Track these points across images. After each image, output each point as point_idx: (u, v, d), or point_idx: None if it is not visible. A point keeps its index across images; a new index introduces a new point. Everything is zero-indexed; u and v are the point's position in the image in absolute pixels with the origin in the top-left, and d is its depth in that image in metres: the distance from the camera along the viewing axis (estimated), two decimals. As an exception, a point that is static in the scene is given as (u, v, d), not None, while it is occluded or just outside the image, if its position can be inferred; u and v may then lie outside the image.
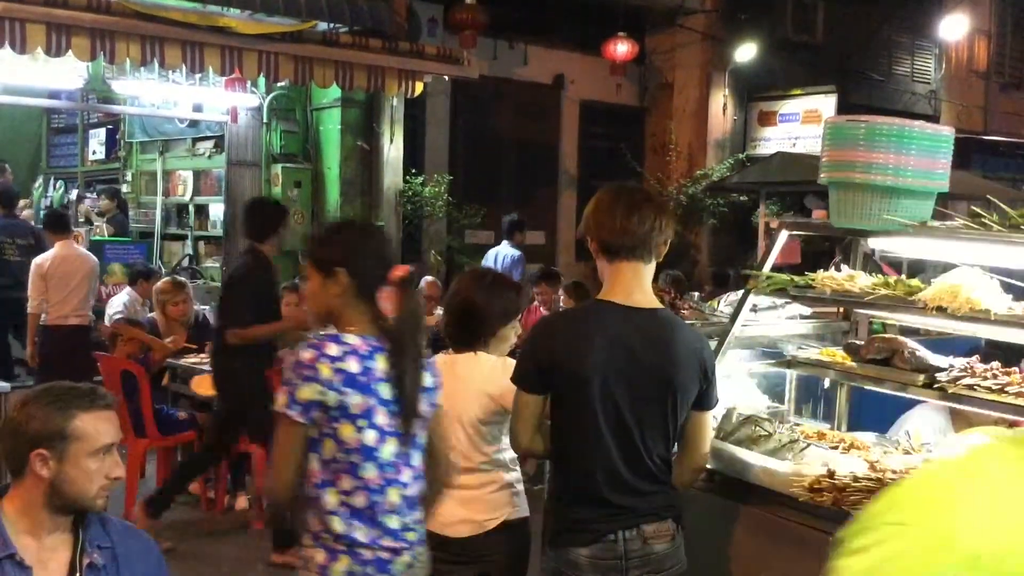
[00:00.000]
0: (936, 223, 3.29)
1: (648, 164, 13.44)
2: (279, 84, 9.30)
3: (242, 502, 6.22)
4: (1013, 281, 3.22)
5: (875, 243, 3.65)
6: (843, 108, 12.17)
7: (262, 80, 9.09)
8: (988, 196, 3.48)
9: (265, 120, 9.86)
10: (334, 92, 9.46)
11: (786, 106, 13.13)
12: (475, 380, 3.10)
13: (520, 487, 3.23)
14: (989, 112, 16.46)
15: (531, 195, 12.40)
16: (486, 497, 3.12)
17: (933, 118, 14.91)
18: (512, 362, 2.99)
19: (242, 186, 9.87)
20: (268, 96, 9.78)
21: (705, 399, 2.79)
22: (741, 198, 12.63)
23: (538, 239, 12.40)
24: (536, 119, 12.52)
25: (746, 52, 12.67)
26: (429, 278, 8.22)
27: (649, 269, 2.75)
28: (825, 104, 12.49)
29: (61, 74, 8.77)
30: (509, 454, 3.14)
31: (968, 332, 3.37)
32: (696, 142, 13.12)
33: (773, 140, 13.01)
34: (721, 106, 13.12)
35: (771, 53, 12.86)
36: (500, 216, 11.57)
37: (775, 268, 4.11)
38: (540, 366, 2.72)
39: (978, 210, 3.09)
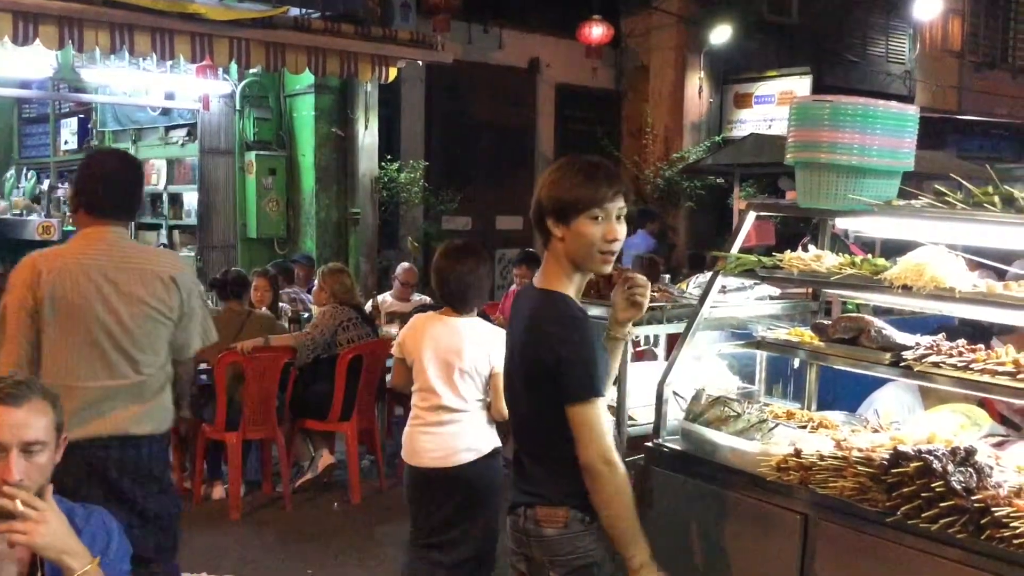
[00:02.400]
0: (901, 202, 3.30)
1: (625, 147, 13.45)
2: (251, 71, 9.23)
3: (218, 491, 6.20)
4: (978, 259, 3.24)
5: (842, 223, 3.66)
6: (818, 89, 12.21)
7: (234, 67, 9.01)
8: (951, 174, 3.49)
9: (238, 107, 9.80)
10: (307, 78, 9.40)
11: (761, 88, 13.15)
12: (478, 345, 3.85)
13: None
14: (963, 92, 16.53)
15: (507, 180, 12.38)
16: (466, 431, 3.84)
17: (908, 98, 14.97)
18: (499, 335, 3.66)
19: (216, 174, 9.83)
20: (240, 83, 9.72)
21: (560, 391, 2.49)
22: (718, 180, 12.65)
23: (515, 224, 12.39)
24: (512, 103, 12.48)
25: (721, 34, 12.67)
26: (406, 264, 8.20)
27: (550, 250, 2.61)
28: (800, 85, 12.51)
29: (31, 64, 8.68)
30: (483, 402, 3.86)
31: (933, 310, 3.39)
32: (672, 125, 13.12)
33: (749, 122, 13.03)
34: (697, 89, 13.13)
35: (746, 35, 12.86)
36: (477, 201, 11.57)
37: (749, 250, 4.12)
38: None
39: (942, 189, 3.10)
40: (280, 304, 7.27)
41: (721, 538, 3.24)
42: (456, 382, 3.85)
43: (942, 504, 2.62)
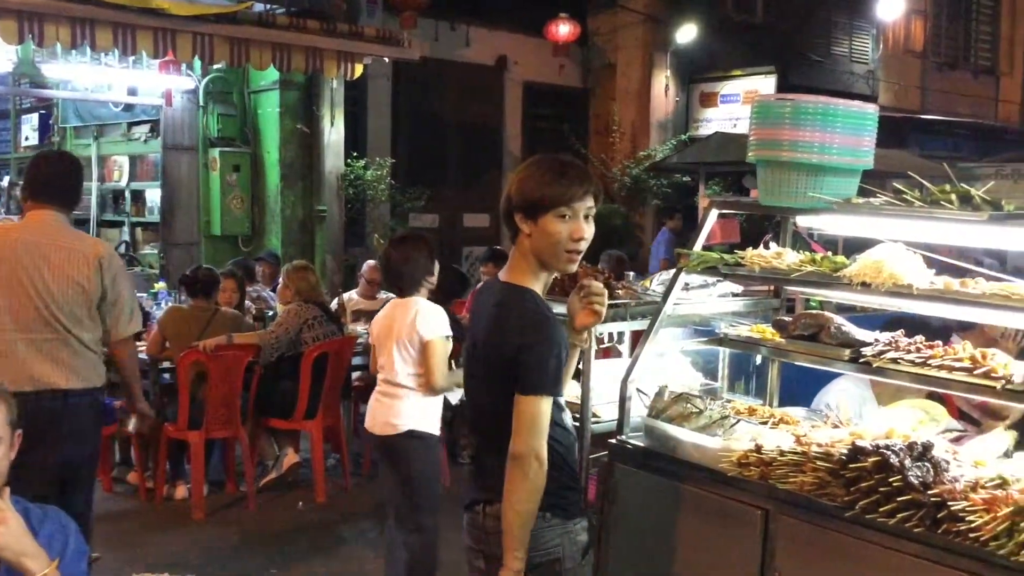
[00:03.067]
0: (860, 200, 3.33)
1: (592, 145, 13.50)
2: (215, 66, 9.15)
3: (181, 491, 6.14)
4: (935, 256, 3.28)
5: (803, 221, 3.69)
6: (783, 88, 12.32)
7: (197, 62, 8.92)
8: (910, 173, 3.53)
9: (201, 103, 9.71)
10: (272, 74, 9.35)
11: (727, 87, 13.25)
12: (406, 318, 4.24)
13: (431, 408, 4.29)
14: (926, 91, 16.75)
15: (475, 177, 12.38)
16: (402, 406, 4.23)
17: (871, 98, 15.13)
18: (431, 308, 4.27)
19: (179, 171, 9.73)
20: (204, 79, 9.63)
21: (514, 381, 2.48)
22: (684, 179, 12.73)
23: (483, 221, 12.40)
24: (479, 101, 12.48)
25: (687, 33, 12.75)
26: (372, 262, 8.15)
27: (517, 247, 2.61)
28: (765, 85, 12.62)
29: (-10, 59, 8.57)
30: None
31: (892, 307, 3.43)
32: (639, 123, 13.19)
33: (715, 121, 13.13)
34: (663, 87, 13.20)
35: (712, 34, 12.94)
36: (444, 199, 11.57)
37: (714, 247, 4.15)
38: None
39: (900, 187, 3.13)
40: (245, 303, 7.21)
41: (683, 533, 3.26)
42: (394, 355, 4.26)
43: (900, 498, 2.65)
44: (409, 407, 4.27)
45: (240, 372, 6.01)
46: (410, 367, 4.26)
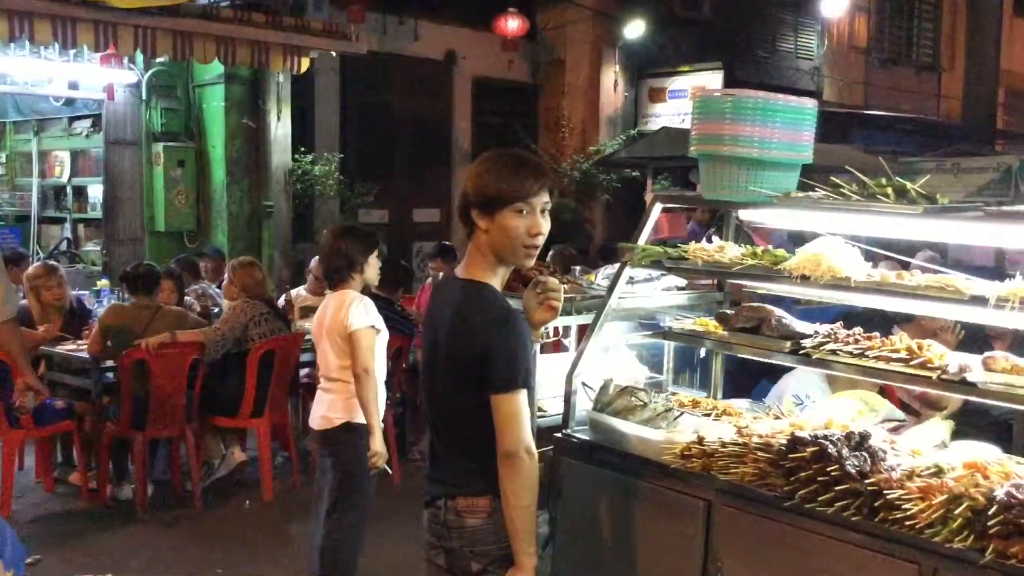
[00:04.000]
0: (800, 194, 3.38)
1: (542, 140, 13.50)
2: (158, 60, 9.01)
3: (125, 491, 6.04)
4: (872, 248, 3.34)
5: (744, 214, 3.73)
6: (729, 84, 12.41)
7: (140, 56, 8.78)
8: (847, 167, 3.59)
9: (144, 97, 9.56)
10: (217, 68, 9.22)
11: (675, 83, 13.34)
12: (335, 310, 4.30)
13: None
14: (869, 87, 17.01)
15: (425, 172, 12.33)
16: (336, 400, 4.28)
17: (816, 94, 15.33)
18: (358, 299, 4.28)
19: (122, 166, 9.56)
20: (147, 72, 9.47)
21: (486, 379, 2.49)
22: (634, 174, 12.79)
23: (432, 216, 12.36)
24: (428, 96, 12.42)
25: (635, 29, 12.80)
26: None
27: (474, 243, 2.61)
28: (712, 80, 12.72)
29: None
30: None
31: (831, 299, 3.48)
32: (589, 119, 13.22)
33: (664, 116, 13.20)
34: (612, 83, 13.25)
35: (660, 30, 13.01)
36: (393, 194, 11.51)
37: (662, 242, 4.17)
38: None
39: (838, 181, 3.18)
40: (187, 299, 7.11)
41: (628, 525, 3.27)
42: (327, 349, 4.33)
43: (837, 488, 2.69)
44: (343, 400, 4.29)
45: (184, 370, 5.93)
46: (342, 360, 4.29)
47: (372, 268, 4.43)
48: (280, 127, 9.80)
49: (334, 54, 9.60)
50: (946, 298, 2.87)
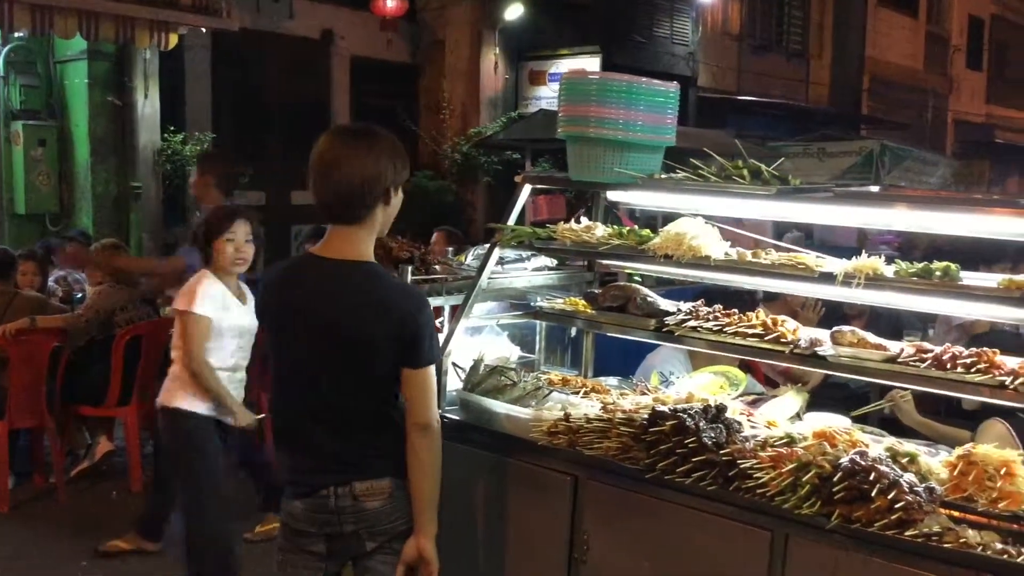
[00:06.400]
0: (663, 176, 3.46)
1: (423, 122, 13.43)
2: (16, 35, 8.58)
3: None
4: (730, 228, 3.44)
5: (612, 195, 3.79)
6: (607, 68, 12.52)
7: (-4, 29, 8.34)
8: (705, 149, 3.69)
9: (2, 73, 9.10)
10: (80, 44, 8.85)
11: (555, 66, 13.44)
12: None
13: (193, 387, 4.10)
14: (742, 73, 17.52)
15: (303, 154, 11.64)
16: (166, 382, 4.21)
17: (691, 79, 15.72)
18: (198, 283, 4.12)
19: (-23, 145, 9.08)
20: (5, 48, 9.01)
21: (410, 355, 2.56)
22: (515, 156, 12.86)
23: (311, 198, 12.10)
24: (305, 75, 12.18)
25: (515, 11, 12.84)
26: (193, 241, 7.87)
27: (365, 225, 2.62)
28: (591, 64, 12.86)
29: None
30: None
31: (693, 277, 3.58)
32: (469, 101, 13.22)
33: (544, 99, 13.29)
34: (492, 65, 13.26)
35: (540, 13, 13.09)
36: (271, 176, 11.25)
37: (541, 223, 4.20)
38: (259, 311, 2.86)
39: (697, 163, 3.27)
40: (50, 284, 6.83)
41: (499, 503, 3.31)
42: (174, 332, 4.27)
43: (695, 459, 2.78)
44: (172, 382, 4.17)
45: (45, 358, 5.70)
46: (175, 339, 4.20)
47: (220, 253, 4.17)
48: (148, 105, 9.47)
49: (204, 30, 9.31)
50: (797, 275, 2.99)
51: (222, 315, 4.14)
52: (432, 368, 2.61)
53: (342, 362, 2.57)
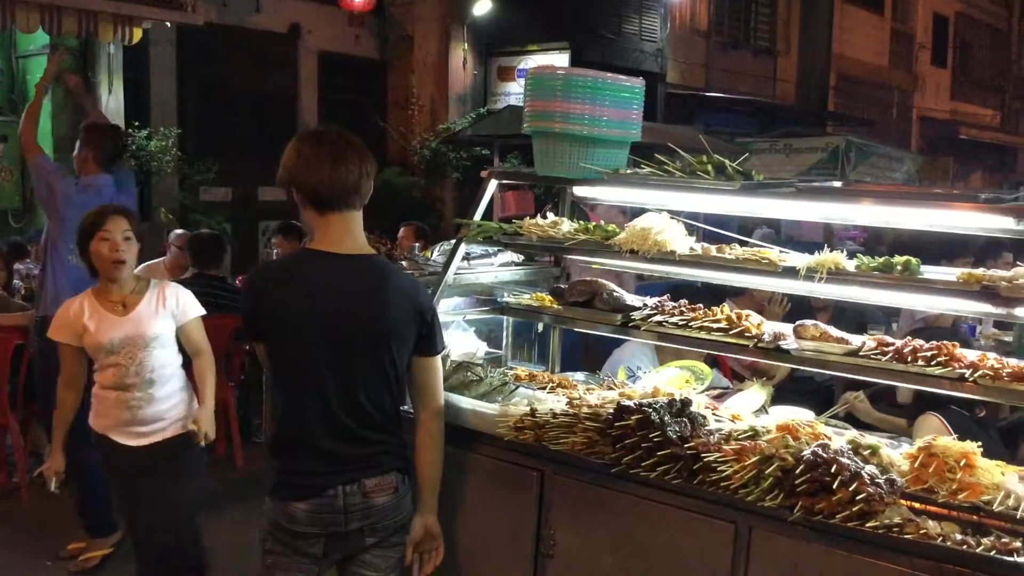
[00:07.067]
0: (629, 171, 3.47)
1: (391, 118, 13.38)
2: (-24, 28, 8.43)
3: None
4: (694, 223, 3.47)
5: (578, 191, 3.80)
6: (576, 64, 12.59)
7: (-45, 23, 8.19)
8: (669, 144, 3.71)
9: (-39, 68, 8.94)
10: (42, 38, 8.69)
11: (524, 62, 13.42)
12: None
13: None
14: (710, 70, 17.61)
15: (270, 150, 11.70)
16: None
17: (660, 75, 15.77)
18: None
19: (-63, 140, 8.93)
20: (-36, 41, 8.87)
21: (427, 344, 2.73)
22: (484, 152, 12.84)
23: (280, 195, 11.96)
24: (272, 70, 12.08)
25: (483, 7, 12.82)
26: (180, 231, 7.78)
27: (359, 215, 2.70)
28: (560, 61, 12.87)
29: None
30: None
31: (658, 272, 3.60)
32: (438, 96, 13.18)
33: (513, 95, 13.28)
34: (461, 60, 13.24)
35: (509, 9, 13.07)
36: (238, 171, 11.15)
37: (509, 219, 4.20)
38: (252, 315, 2.70)
39: (662, 158, 3.28)
40: (14, 282, 6.73)
41: (466, 499, 3.30)
42: None
43: (660, 452, 2.80)
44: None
45: (7, 356, 5.61)
46: None
47: (96, 255, 3.85)
48: (112, 100, 9.33)
49: (169, 24, 9.20)
50: (760, 270, 3.02)
51: (95, 331, 3.79)
52: (440, 356, 2.82)
53: (365, 357, 2.62)
